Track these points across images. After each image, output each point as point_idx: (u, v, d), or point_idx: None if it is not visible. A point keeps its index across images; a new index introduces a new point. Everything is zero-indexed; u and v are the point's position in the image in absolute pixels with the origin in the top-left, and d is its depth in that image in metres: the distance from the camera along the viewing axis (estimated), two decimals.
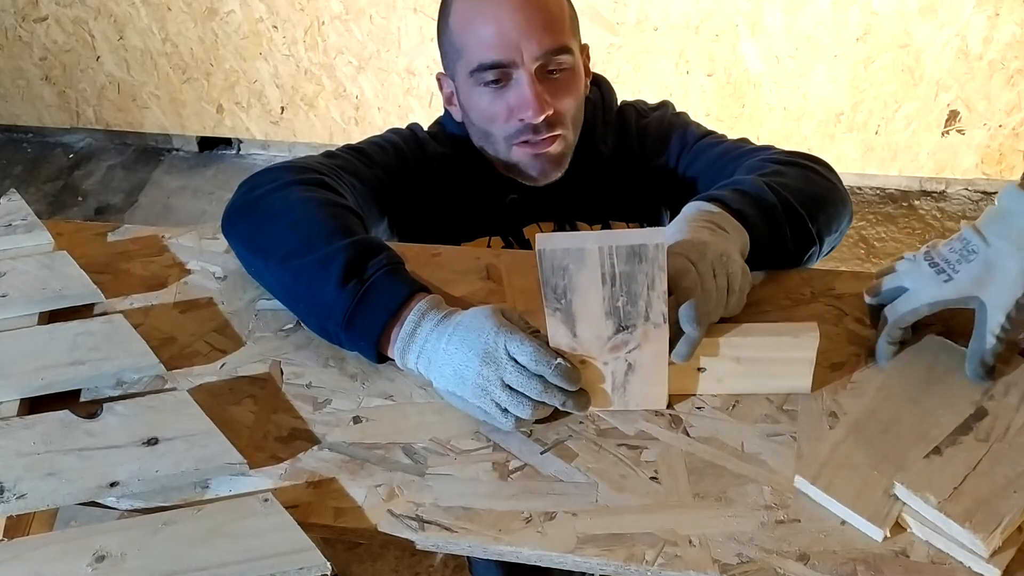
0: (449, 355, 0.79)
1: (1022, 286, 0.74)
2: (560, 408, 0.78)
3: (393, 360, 0.86)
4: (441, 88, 1.12)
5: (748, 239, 0.87)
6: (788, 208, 0.90)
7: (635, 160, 1.13)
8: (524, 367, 0.76)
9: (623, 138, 1.13)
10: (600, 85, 1.16)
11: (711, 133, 1.13)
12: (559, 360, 0.76)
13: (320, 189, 0.94)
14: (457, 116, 1.11)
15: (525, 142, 1.03)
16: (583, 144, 1.10)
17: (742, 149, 1.06)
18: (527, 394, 0.76)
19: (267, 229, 0.91)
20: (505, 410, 0.77)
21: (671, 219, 1.16)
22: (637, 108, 1.16)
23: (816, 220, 0.92)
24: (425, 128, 1.16)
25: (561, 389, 0.77)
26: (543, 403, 0.77)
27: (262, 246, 0.91)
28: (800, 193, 0.92)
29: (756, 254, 0.88)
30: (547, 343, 0.77)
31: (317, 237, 0.87)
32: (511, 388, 0.77)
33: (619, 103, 1.17)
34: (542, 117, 1.00)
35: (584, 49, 1.09)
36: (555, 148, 1.04)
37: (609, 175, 1.12)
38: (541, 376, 0.76)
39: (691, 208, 0.89)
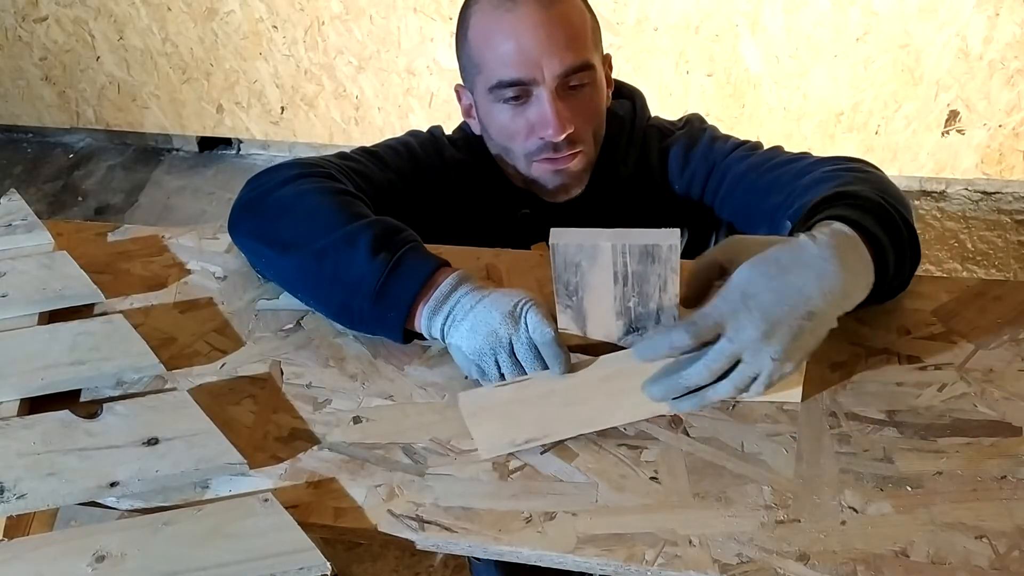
0: (474, 313, 0.80)
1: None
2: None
3: (415, 340, 0.86)
4: (460, 100, 1.10)
5: (871, 286, 0.76)
6: (908, 227, 0.81)
7: (655, 185, 1.11)
8: (533, 343, 0.77)
9: (644, 160, 1.11)
10: (634, 100, 1.13)
11: (742, 144, 1.07)
12: (564, 355, 0.76)
13: (329, 181, 0.94)
14: (476, 129, 1.09)
15: (545, 159, 1.02)
16: (602, 163, 1.07)
17: (776, 159, 1.02)
18: (527, 368, 0.78)
19: (281, 220, 0.91)
20: (501, 375, 0.78)
21: (689, 240, 1.14)
22: (660, 128, 1.13)
23: (914, 230, 0.83)
24: (448, 131, 1.14)
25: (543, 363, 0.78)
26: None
27: (277, 237, 0.91)
28: (899, 201, 0.84)
29: (879, 289, 0.77)
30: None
31: (336, 219, 0.88)
32: (515, 357, 0.78)
33: (647, 120, 1.14)
34: (563, 136, 0.97)
35: (606, 60, 1.06)
36: (576, 164, 1.02)
37: (626, 196, 1.10)
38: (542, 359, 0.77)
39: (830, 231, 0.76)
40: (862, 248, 0.75)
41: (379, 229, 0.86)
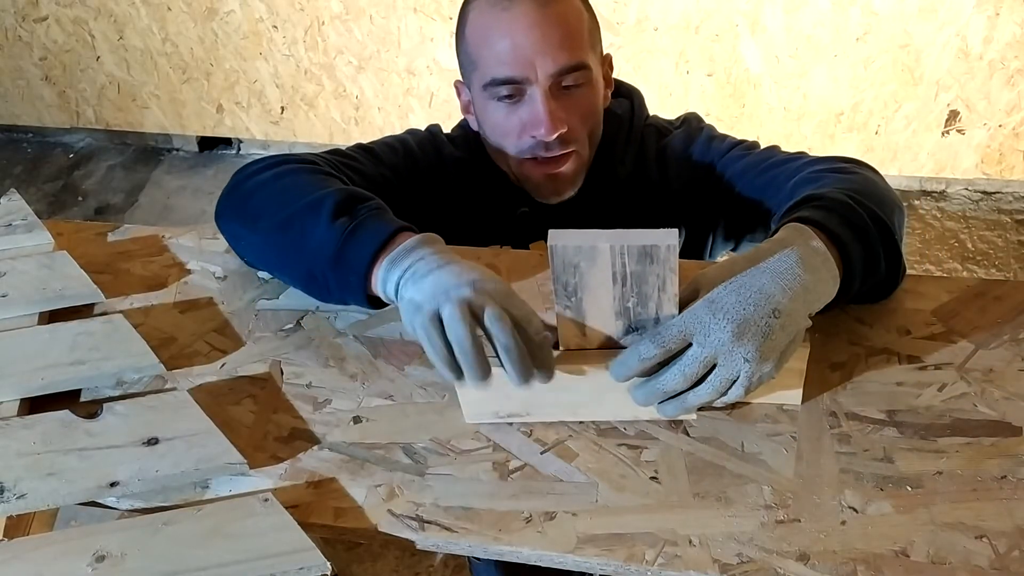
0: (440, 276, 0.75)
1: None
2: (498, 348, 0.71)
3: (380, 309, 0.86)
4: (459, 96, 1.10)
5: (837, 281, 0.77)
6: (877, 222, 0.82)
7: (653, 184, 1.10)
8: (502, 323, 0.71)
9: (642, 160, 1.10)
10: (632, 99, 1.12)
11: (739, 144, 1.07)
12: (545, 333, 0.73)
13: (310, 166, 0.95)
14: (474, 125, 1.09)
15: (536, 159, 1.01)
16: (600, 162, 1.07)
17: (774, 159, 1.02)
18: (486, 318, 0.71)
19: (256, 196, 0.92)
20: (446, 342, 0.71)
21: (687, 240, 1.14)
22: (658, 127, 1.12)
23: (895, 229, 0.83)
24: (447, 130, 1.15)
25: (513, 331, 0.71)
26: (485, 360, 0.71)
27: (252, 213, 0.91)
28: (878, 200, 0.84)
29: (848, 285, 0.79)
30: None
31: (304, 190, 0.88)
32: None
33: (645, 120, 1.13)
34: (555, 135, 0.97)
35: (605, 60, 1.06)
36: (568, 167, 1.02)
37: (624, 195, 1.09)
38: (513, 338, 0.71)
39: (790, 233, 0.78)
40: (818, 243, 0.76)
41: (343, 196, 0.86)
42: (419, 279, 0.76)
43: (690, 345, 0.71)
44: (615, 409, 0.79)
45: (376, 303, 0.85)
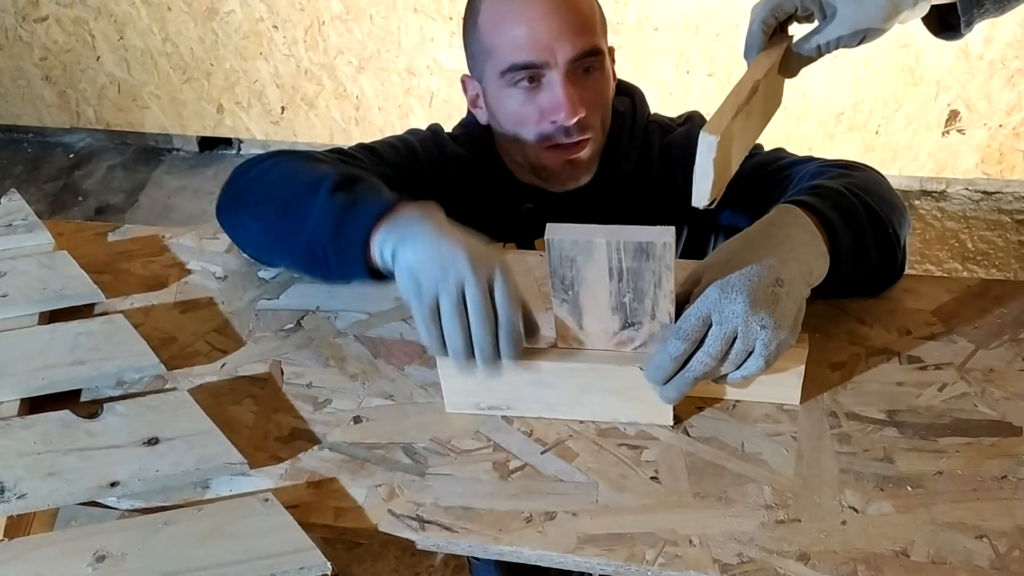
0: (439, 242, 0.75)
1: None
2: (473, 342, 0.74)
3: (381, 281, 0.84)
4: (466, 90, 1.10)
5: (827, 258, 0.80)
6: (868, 211, 0.84)
7: (657, 181, 1.10)
8: (486, 298, 0.73)
9: (646, 156, 1.11)
10: (634, 96, 1.13)
11: None
12: (518, 345, 0.74)
13: (310, 158, 0.96)
14: (483, 119, 1.10)
15: (555, 145, 1.02)
16: (604, 159, 1.08)
17: (781, 161, 1.03)
18: (472, 318, 0.73)
19: (256, 184, 0.92)
20: (437, 309, 0.73)
21: (688, 238, 1.14)
22: (662, 124, 1.13)
23: (891, 222, 0.86)
24: (448, 129, 1.15)
25: (493, 330, 0.73)
26: (466, 327, 0.73)
27: (252, 200, 0.92)
28: (875, 196, 0.87)
29: (837, 266, 0.81)
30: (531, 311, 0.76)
31: (305, 174, 0.89)
32: (462, 300, 0.73)
33: (647, 117, 1.14)
34: (575, 119, 0.98)
35: (611, 52, 1.07)
36: (585, 153, 1.03)
37: (628, 192, 1.10)
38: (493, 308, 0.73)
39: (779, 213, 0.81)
40: (805, 219, 0.80)
41: (341, 175, 0.86)
42: (414, 241, 0.77)
43: (710, 327, 0.73)
44: (594, 409, 0.80)
45: (377, 277, 0.84)
